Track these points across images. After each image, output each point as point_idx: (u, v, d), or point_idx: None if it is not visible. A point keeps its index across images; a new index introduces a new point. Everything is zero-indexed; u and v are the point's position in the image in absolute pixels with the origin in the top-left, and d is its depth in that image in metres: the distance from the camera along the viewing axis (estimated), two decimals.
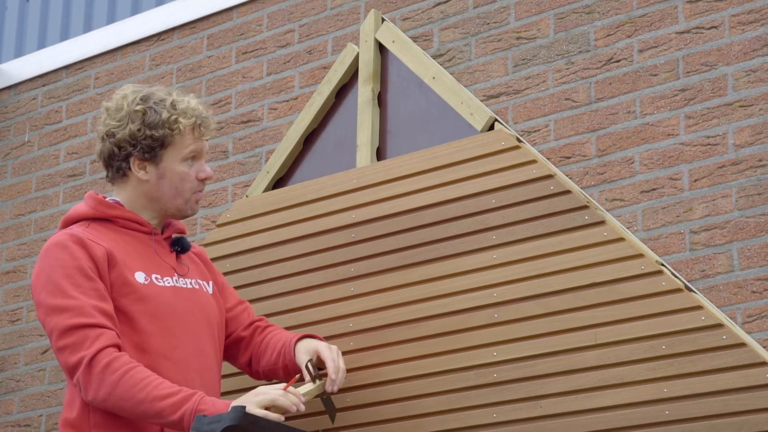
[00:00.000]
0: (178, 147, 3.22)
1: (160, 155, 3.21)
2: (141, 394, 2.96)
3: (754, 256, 3.02)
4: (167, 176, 3.23)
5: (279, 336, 3.37)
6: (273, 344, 3.35)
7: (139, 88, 3.27)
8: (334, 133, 3.77)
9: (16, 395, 4.64)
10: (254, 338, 3.40)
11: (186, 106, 3.22)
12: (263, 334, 3.40)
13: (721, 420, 2.90)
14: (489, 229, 3.33)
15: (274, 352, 3.33)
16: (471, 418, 3.21)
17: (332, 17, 3.97)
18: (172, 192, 3.24)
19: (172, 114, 3.20)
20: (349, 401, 3.40)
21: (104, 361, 2.98)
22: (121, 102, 3.22)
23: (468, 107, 3.49)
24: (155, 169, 3.22)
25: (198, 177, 3.27)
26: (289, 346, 3.29)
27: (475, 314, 3.29)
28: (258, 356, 3.38)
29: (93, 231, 3.18)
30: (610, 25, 3.37)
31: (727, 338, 2.94)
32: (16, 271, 4.78)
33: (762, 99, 3.11)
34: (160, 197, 3.24)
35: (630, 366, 3.04)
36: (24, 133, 5.04)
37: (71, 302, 3.03)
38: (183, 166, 3.23)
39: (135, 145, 3.20)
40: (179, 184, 3.24)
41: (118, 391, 2.97)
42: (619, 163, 3.23)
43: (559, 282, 3.19)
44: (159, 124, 3.19)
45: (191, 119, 3.22)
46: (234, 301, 3.43)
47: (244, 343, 3.40)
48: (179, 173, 3.23)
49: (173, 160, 3.22)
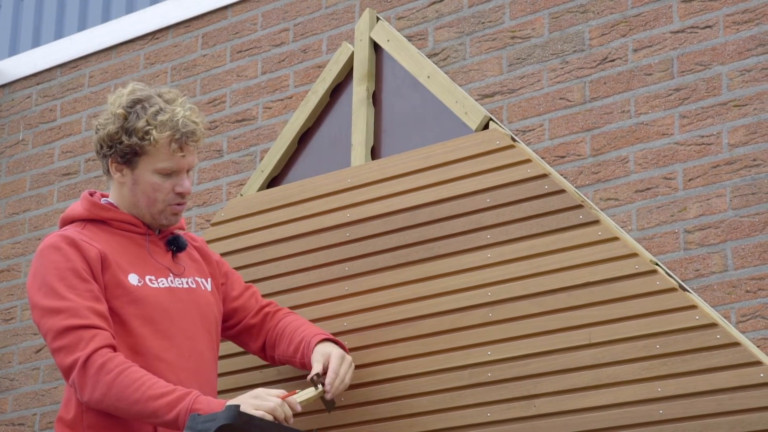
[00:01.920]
0: (152, 158, 3.14)
1: (135, 162, 3.16)
2: (136, 394, 2.95)
3: (748, 255, 3.02)
4: (140, 184, 3.17)
5: (297, 327, 3.34)
6: (290, 335, 3.33)
7: (142, 88, 3.21)
8: (328, 132, 3.76)
9: (10, 394, 4.63)
10: (266, 324, 3.38)
11: (167, 119, 3.12)
12: (275, 319, 3.39)
13: (714, 419, 2.90)
14: (483, 228, 3.33)
15: (292, 345, 3.31)
16: (465, 417, 3.21)
17: (327, 16, 3.97)
18: (145, 200, 3.19)
19: (148, 125, 3.11)
20: (343, 400, 3.40)
21: (99, 362, 2.97)
22: (115, 99, 3.18)
23: (463, 106, 3.49)
24: (131, 174, 3.18)
25: (175, 190, 3.19)
26: (308, 347, 3.27)
27: (469, 313, 3.29)
28: (272, 343, 3.36)
29: (87, 232, 3.16)
30: (605, 25, 3.37)
31: (721, 338, 2.94)
32: (10, 270, 4.78)
33: (756, 98, 3.12)
34: (136, 202, 3.21)
35: (624, 365, 3.04)
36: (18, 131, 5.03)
37: (65, 304, 3.02)
38: (155, 178, 3.16)
39: (111, 147, 3.16)
40: (151, 194, 3.18)
41: (114, 392, 2.96)
42: (614, 163, 3.24)
43: (553, 281, 3.19)
44: (133, 132, 3.12)
45: (166, 132, 3.12)
46: (240, 288, 3.41)
47: (255, 330, 3.38)
48: (151, 184, 3.17)
49: (146, 169, 3.16)
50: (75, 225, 3.20)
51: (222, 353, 3.52)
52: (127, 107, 3.15)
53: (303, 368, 3.30)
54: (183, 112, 3.15)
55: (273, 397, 3.01)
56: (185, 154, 3.17)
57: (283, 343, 3.34)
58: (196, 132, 3.16)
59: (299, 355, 3.29)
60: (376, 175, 3.52)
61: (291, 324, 3.35)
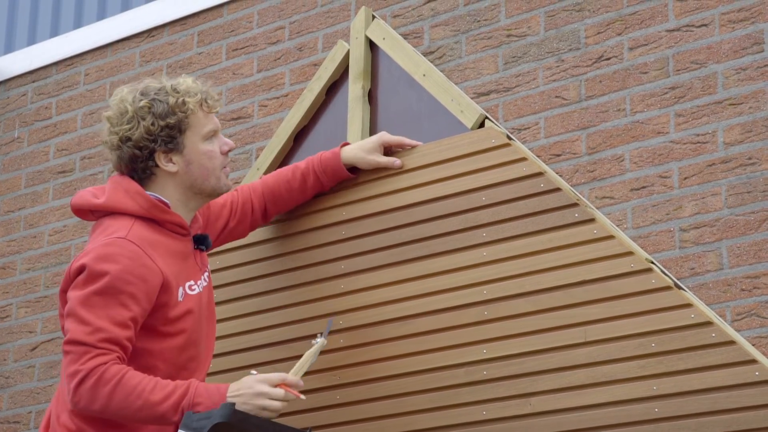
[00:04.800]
0: (195, 128, 3.18)
1: (181, 141, 3.17)
2: (138, 402, 2.95)
3: (744, 254, 3.02)
4: (194, 161, 3.18)
5: (280, 173, 3.47)
6: (284, 180, 3.46)
7: (132, 86, 3.23)
8: (324, 131, 3.76)
9: (6, 392, 4.63)
10: (243, 201, 3.44)
11: (187, 87, 3.19)
12: (249, 190, 3.46)
13: (710, 417, 2.90)
14: (479, 226, 3.33)
15: (295, 181, 3.46)
16: (461, 415, 3.21)
17: (323, 14, 3.97)
18: (203, 173, 3.20)
19: (178, 97, 3.16)
20: (338, 398, 3.40)
21: (95, 377, 2.96)
22: (123, 105, 3.17)
23: (458, 105, 3.49)
24: (181, 157, 3.18)
25: (222, 151, 3.24)
26: (323, 160, 3.44)
27: (464, 311, 3.29)
28: (273, 202, 3.46)
29: (137, 232, 3.11)
30: (601, 23, 3.37)
31: (717, 336, 2.94)
32: (6, 268, 4.77)
33: (751, 97, 3.12)
34: (192, 183, 3.20)
35: (619, 363, 3.04)
36: (14, 129, 5.03)
37: (95, 321, 2.98)
38: (207, 145, 3.20)
39: (155, 140, 3.15)
40: (208, 163, 3.20)
41: (115, 403, 2.96)
42: (609, 161, 3.24)
43: (548, 279, 3.19)
44: (169, 112, 3.15)
45: (197, 97, 3.18)
46: (225, 215, 3.43)
47: (242, 213, 3.43)
48: (205, 152, 3.20)
49: (194, 142, 3.18)
50: (125, 219, 3.14)
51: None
52: (145, 97, 3.17)
53: (320, 187, 3.42)
54: (188, 80, 3.22)
55: (276, 390, 3.00)
56: (213, 113, 3.24)
57: (281, 191, 3.44)
58: (208, 90, 3.24)
59: (311, 177, 3.42)
60: (371, 174, 3.52)
61: (272, 178, 3.45)
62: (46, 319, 4.61)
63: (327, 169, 3.45)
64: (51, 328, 4.58)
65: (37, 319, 4.66)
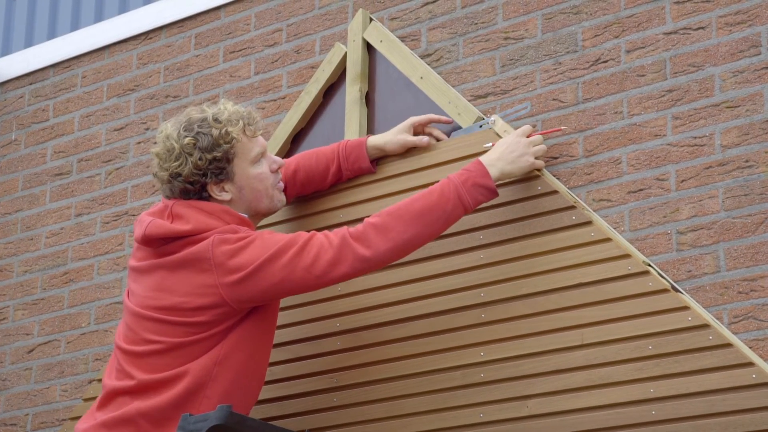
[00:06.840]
0: (242, 154, 3.21)
1: (230, 170, 3.20)
2: (426, 217, 3.10)
3: (741, 256, 3.02)
4: (245, 186, 3.23)
5: (310, 156, 3.53)
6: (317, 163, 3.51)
7: (176, 120, 3.24)
8: (321, 133, 3.76)
9: (2, 394, 4.62)
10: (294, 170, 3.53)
11: (228, 115, 3.20)
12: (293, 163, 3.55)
13: (707, 420, 2.90)
14: (476, 229, 3.33)
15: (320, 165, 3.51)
16: (458, 417, 3.21)
17: (320, 17, 3.97)
18: (256, 196, 3.25)
19: (221, 128, 3.17)
20: (336, 401, 3.40)
21: (362, 227, 3.11)
22: (168, 142, 3.19)
23: (455, 107, 3.49)
24: (233, 185, 3.22)
25: (271, 170, 3.28)
26: (349, 147, 3.50)
27: (462, 314, 3.29)
28: (308, 183, 3.53)
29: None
30: (598, 26, 3.38)
31: (714, 339, 2.94)
32: (2, 270, 4.77)
33: (749, 100, 3.12)
34: (248, 206, 3.26)
35: (616, 366, 3.04)
36: (10, 131, 5.02)
37: (277, 239, 3.09)
38: (256, 168, 3.24)
39: (205, 174, 3.18)
40: (260, 186, 3.24)
41: (397, 231, 3.08)
42: (606, 164, 3.24)
43: (545, 282, 3.19)
44: (215, 144, 3.17)
45: (239, 125, 3.20)
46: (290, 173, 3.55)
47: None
48: (255, 176, 3.24)
49: (244, 169, 3.21)
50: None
51: None
52: (189, 133, 3.18)
53: (338, 179, 3.47)
54: (228, 105, 3.25)
55: (528, 147, 3.21)
56: (258, 135, 3.26)
57: (311, 170, 3.50)
58: (250, 113, 3.26)
59: (334, 165, 3.47)
60: (368, 176, 3.52)
61: (305, 158, 3.52)
62: (43, 322, 4.61)
63: (350, 156, 3.47)
64: (48, 331, 4.58)
65: (33, 322, 4.65)
